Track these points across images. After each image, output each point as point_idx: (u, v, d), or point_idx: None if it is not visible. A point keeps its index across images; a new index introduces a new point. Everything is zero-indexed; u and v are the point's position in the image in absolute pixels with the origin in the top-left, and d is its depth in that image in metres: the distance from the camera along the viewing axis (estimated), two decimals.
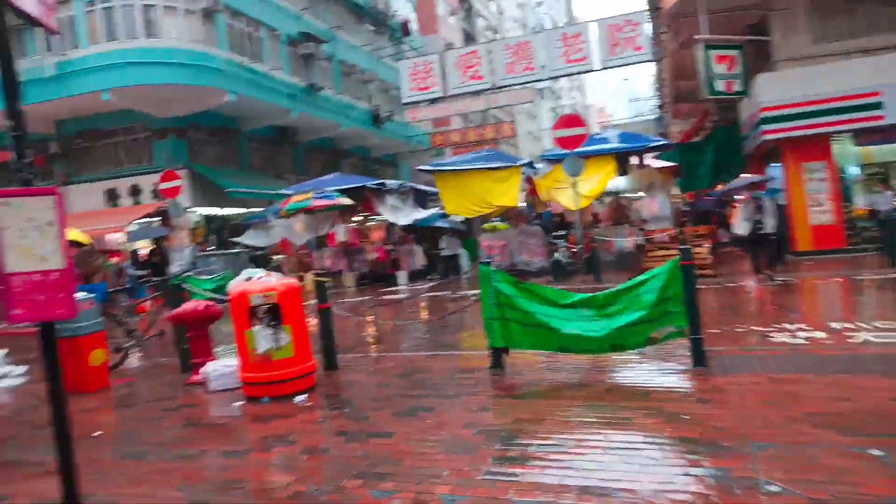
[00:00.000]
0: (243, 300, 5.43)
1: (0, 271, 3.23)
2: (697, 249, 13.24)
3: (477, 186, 15.27)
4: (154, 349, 7.84)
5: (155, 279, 7.74)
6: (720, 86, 15.58)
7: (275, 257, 18.13)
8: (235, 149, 23.07)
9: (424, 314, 10.75)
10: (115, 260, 18.68)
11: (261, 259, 18.05)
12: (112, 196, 20.19)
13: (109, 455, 4.30)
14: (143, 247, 20.53)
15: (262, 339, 5.37)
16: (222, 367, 5.79)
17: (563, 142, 13.15)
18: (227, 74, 19.97)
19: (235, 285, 5.65)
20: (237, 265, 16.03)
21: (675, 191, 18.56)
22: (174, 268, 15.85)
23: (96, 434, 4.79)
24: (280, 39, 23.69)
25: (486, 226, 17.81)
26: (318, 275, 6.44)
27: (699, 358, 5.23)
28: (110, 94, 18.58)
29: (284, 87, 22.96)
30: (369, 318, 10.13)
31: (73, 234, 9.87)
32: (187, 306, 6.13)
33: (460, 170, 15.52)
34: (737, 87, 15.75)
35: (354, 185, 16.05)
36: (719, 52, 15.34)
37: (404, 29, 33.63)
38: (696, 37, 15.01)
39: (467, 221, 18.17)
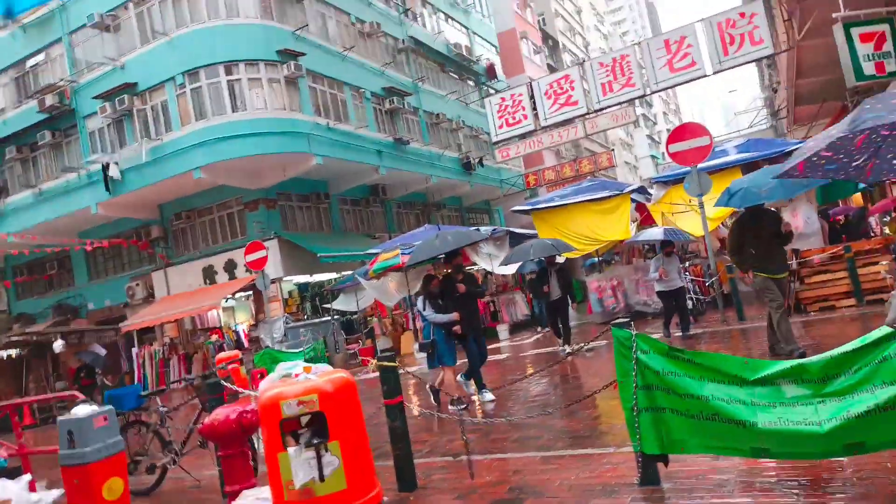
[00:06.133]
0: (273, 409, 3.86)
1: None
2: (868, 270, 10.54)
3: (580, 221, 13.34)
4: (199, 462, 6.41)
5: (189, 376, 6.47)
6: (869, 69, 12.80)
7: (370, 319, 16.93)
8: (327, 213, 22.54)
9: (533, 380, 8.70)
10: (214, 338, 18.28)
11: (354, 324, 16.92)
12: (209, 273, 20.03)
13: None
14: (245, 320, 20.11)
15: (300, 466, 3.74)
16: (256, 499, 4.21)
17: (681, 156, 11.00)
18: (313, 138, 19.53)
19: (265, 387, 4.12)
20: (327, 333, 14.93)
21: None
22: (266, 341, 15.01)
23: None
24: (364, 97, 23.24)
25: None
26: (381, 358, 4.76)
27: None
28: (202, 172, 18.56)
29: (371, 144, 22.31)
30: (468, 391, 8.28)
31: None
32: (218, 414, 4.65)
33: (560, 205, 13.65)
34: (890, 67, 12.89)
35: None
36: (863, 28, 12.67)
37: (490, 72, 32.69)
38: (835, 14, 12.50)
39: (569, 261, 16.17)
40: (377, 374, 4.77)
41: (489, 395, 7.38)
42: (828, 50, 13.77)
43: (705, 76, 16.05)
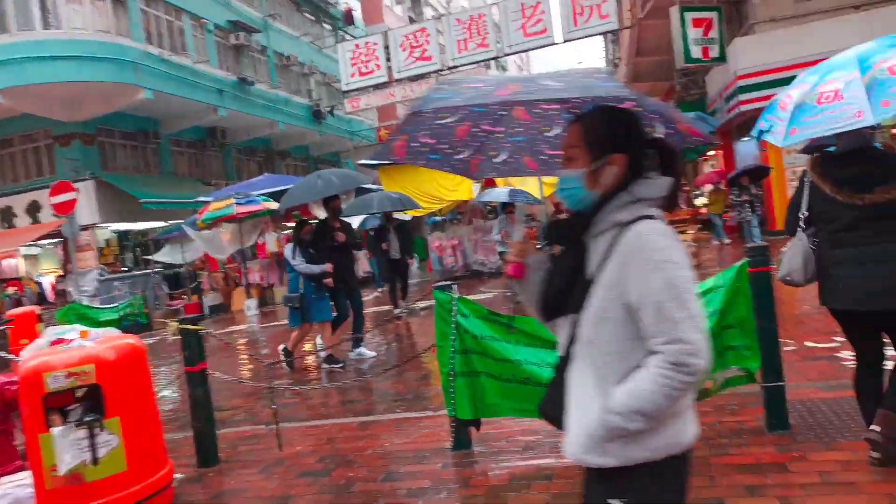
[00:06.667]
0: (35, 382, 3.25)
1: None
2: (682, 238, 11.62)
3: (426, 180, 13.29)
4: None
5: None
6: (696, 52, 13.91)
7: (200, 273, 15.73)
8: (156, 154, 20.42)
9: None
10: (11, 290, 16.06)
11: (180, 278, 15.65)
12: (7, 215, 17.39)
13: None
14: (51, 270, 17.88)
15: (67, 448, 3.20)
16: (16, 486, 3.60)
17: None
18: (142, 69, 17.42)
19: (29, 355, 3.47)
20: (147, 288, 13.66)
21: None
22: (74, 295, 13.42)
23: None
24: (206, 29, 21.14)
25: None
26: (183, 321, 4.25)
27: (779, 418, 3.35)
28: (1, 97, 15.90)
29: (211, 81, 20.44)
30: (295, 353, 7.88)
31: None
32: None
33: (407, 162, 13.47)
34: (714, 53, 14.13)
35: (284, 188, 13.79)
36: (696, 14, 13.68)
37: (347, 17, 31.24)
38: None
39: (415, 219, 16.16)
40: (203, 332, 4.24)
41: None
42: (665, 31, 14.73)
43: (554, 44, 16.52)
